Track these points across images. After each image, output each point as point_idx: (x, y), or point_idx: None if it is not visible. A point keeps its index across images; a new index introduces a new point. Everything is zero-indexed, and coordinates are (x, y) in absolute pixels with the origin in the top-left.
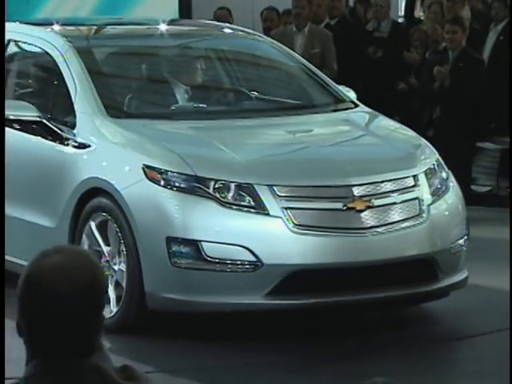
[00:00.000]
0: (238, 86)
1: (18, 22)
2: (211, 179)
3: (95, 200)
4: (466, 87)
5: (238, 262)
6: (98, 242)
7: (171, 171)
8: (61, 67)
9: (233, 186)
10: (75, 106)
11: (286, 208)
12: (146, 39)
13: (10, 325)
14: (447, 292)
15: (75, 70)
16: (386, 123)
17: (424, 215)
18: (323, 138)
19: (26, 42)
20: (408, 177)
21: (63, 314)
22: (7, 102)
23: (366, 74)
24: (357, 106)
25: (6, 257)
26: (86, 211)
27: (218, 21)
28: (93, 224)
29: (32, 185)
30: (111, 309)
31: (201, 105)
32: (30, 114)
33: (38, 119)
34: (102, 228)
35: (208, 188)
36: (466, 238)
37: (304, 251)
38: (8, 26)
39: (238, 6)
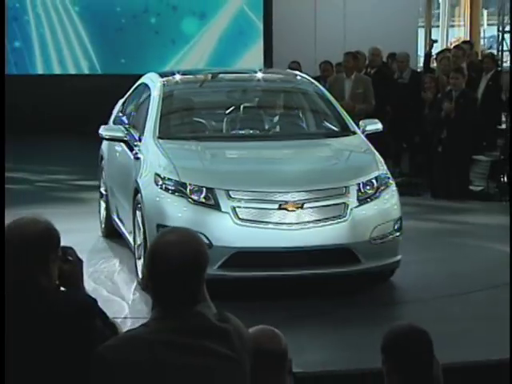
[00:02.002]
0: (278, 117)
1: (152, 73)
2: (189, 184)
3: (137, 196)
4: (465, 117)
5: None
6: (139, 225)
7: (167, 177)
8: (151, 103)
9: (203, 189)
10: (145, 130)
11: (235, 207)
12: (221, 83)
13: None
14: (384, 271)
15: (155, 106)
16: (358, 146)
17: (346, 216)
18: (289, 156)
19: (146, 84)
20: (340, 187)
21: (176, 275)
22: (108, 126)
23: (394, 108)
24: (355, 133)
25: (116, 219)
26: (135, 203)
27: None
28: (138, 213)
29: (123, 179)
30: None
31: (235, 131)
32: (119, 134)
33: (124, 138)
34: (143, 216)
35: (185, 190)
36: (396, 233)
37: (243, 238)
38: (147, 75)
39: (305, 60)
